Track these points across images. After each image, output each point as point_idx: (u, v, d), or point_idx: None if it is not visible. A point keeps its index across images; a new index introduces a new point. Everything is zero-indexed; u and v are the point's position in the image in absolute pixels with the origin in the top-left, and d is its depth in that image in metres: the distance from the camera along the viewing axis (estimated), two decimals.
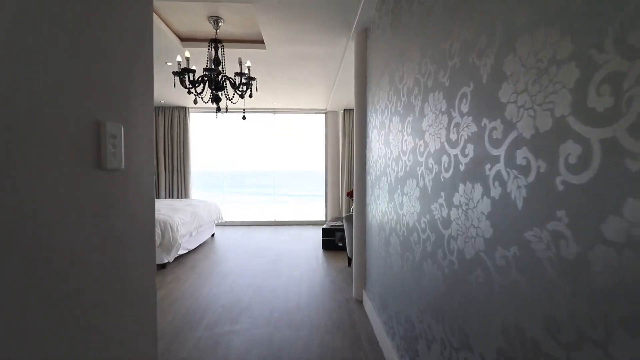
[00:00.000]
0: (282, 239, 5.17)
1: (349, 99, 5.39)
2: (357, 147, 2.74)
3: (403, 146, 1.63)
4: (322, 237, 4.48)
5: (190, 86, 2.61)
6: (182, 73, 2.46)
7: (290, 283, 3.17)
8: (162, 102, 5.78)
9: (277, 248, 4.59)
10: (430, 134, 1.28)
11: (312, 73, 4.02)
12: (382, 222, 2.05)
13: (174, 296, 2.86)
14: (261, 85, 4.61)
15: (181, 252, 4.05)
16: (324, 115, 6.50)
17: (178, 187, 6.21)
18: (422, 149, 1.37)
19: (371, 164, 2.43)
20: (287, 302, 2.72)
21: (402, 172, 1.64)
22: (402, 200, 1.64)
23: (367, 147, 2.58)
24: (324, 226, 4.54)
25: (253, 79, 2.65)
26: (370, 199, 2.43)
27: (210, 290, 2.99)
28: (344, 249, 4.37)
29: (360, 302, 2.72)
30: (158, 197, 6.14)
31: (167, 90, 4.97)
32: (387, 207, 1.92)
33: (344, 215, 6.15)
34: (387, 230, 1.94)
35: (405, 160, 1.60)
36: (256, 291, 2.95)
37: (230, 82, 2.62)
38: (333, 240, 4.44)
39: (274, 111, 6.42)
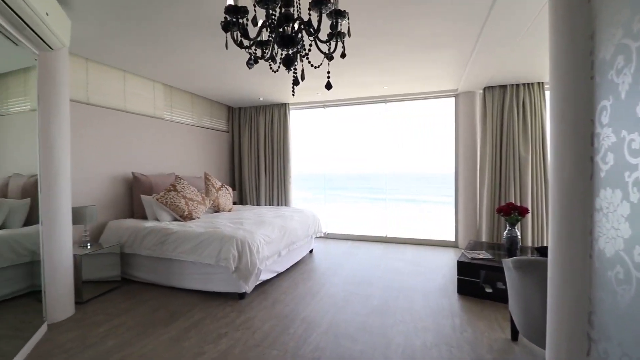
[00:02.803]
0: (393, 266, 3.85)
1: (496, 69, 3.66)
2: (561, 127, 1.24)
3: None
4: (458, 273, 2.97)
5: (248, 43, 1.64)
6: (229, 21, 1.50)
7: None
8: (261, 99, 5.26)
9: (387, 281, 3.31)
10: None
11: (440, 25, 2.60)
12: None
13: (233, 357, 1.94)
14: (362, 56, 3.42)
15: (267, 276, 3.23)
16: (453, 99, 4.86)
17: (278, 192, 5.62)
18: None
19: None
20: None
21: None
22: None
23: (601, 120, 1.07)
24: (460, 258, 3.01)
25: (342, 14, 1.50)
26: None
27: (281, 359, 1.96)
28: (497, 298, 2.77)
29: None
30: (258, 204, 5.68)
31: (265, 85, 4.33)
32: None
33: (484, 238, 4.36)
34: None
35: None
36: None
37: (304, 27, 1.54)
38: (476, 282, 2.87)
39: (384, 100, 5.14)
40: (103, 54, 3.25)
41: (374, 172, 5.89)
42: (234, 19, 1.53)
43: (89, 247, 2.99)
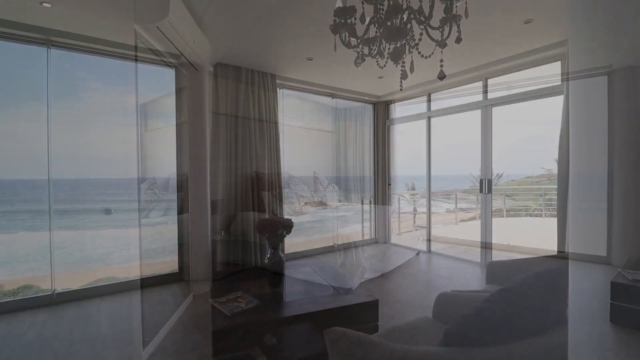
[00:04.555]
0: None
1: None
2: None
3: None
4: (611, 297, 2.36)
5: (356, 41, 1.66)
6: (338, 23, 1.55)
7: None
8: (365, 98, 5.28)
9: None
10: None
11: None
12: None
13: None
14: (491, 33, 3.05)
15: (372, 275, 3.23)
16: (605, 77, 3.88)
17: (383, 191, 5.54)
18: None
19: None
20: None
21: None
22: None
23: None
24: (615, 278, 2.39)
25: None
26: None
27: None
28: None
29: None
30: (362, 203, 5.73)
31: (370, 84, 4.34)
32: None
33: None
34: None
35: None
36: None
37: (413, 16, 1.46)
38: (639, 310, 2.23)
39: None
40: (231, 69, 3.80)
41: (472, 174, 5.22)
42: (342, 20, 1.57)
43: (222, 234, 3.55)
